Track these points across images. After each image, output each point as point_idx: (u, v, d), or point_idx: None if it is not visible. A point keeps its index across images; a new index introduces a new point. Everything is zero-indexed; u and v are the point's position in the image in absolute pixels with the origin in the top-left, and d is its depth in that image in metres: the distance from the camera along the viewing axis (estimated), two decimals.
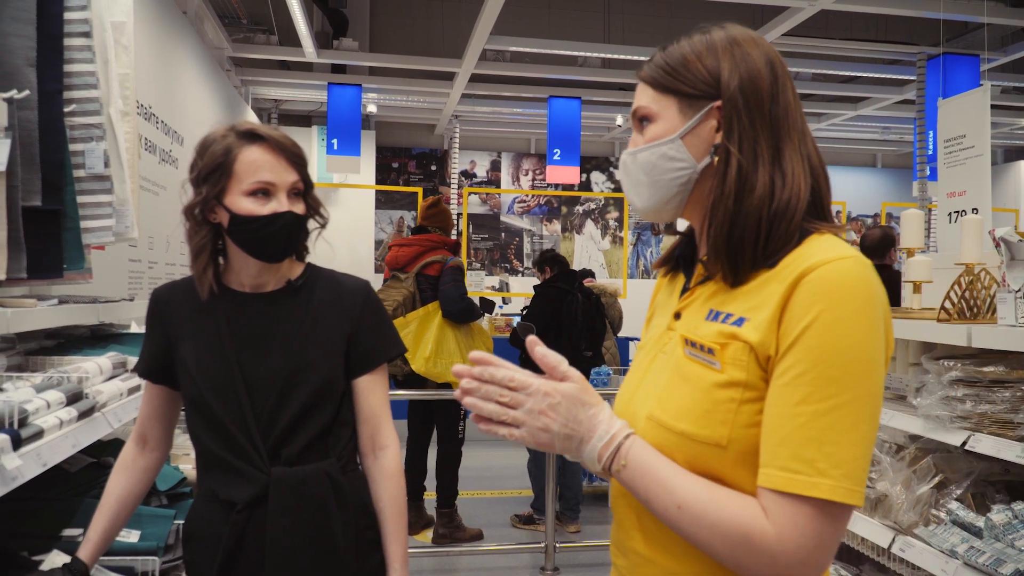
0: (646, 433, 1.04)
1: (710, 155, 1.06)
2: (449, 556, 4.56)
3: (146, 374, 1.63)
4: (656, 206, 1.11)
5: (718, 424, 0.98)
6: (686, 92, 1.07)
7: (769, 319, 0.97)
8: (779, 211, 1.01)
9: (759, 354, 0.97)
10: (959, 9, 6.16)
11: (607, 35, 8.66)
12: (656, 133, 1.08)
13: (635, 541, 1.08)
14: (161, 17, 4.70)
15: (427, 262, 4.64)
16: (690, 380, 1.02)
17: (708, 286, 1.08)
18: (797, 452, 0.91)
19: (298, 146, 1.58)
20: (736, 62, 1.05)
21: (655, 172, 1.09)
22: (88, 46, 2.37)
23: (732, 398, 0.98)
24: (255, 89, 8.68)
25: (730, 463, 0.98)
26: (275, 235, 1.50)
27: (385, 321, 1.68)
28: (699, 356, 1.02)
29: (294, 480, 1.50)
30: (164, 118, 4.71)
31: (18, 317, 1.87)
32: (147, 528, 1.88)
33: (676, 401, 1.03)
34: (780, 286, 0.97)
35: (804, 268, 0.96)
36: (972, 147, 3.33)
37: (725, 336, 1.00)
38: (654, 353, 1.14)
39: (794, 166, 1.04)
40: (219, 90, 6.45)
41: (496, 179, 10.69)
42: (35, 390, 1.69)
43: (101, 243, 2.48)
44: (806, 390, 0.92)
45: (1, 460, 1.34)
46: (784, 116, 1.05)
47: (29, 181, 2.07)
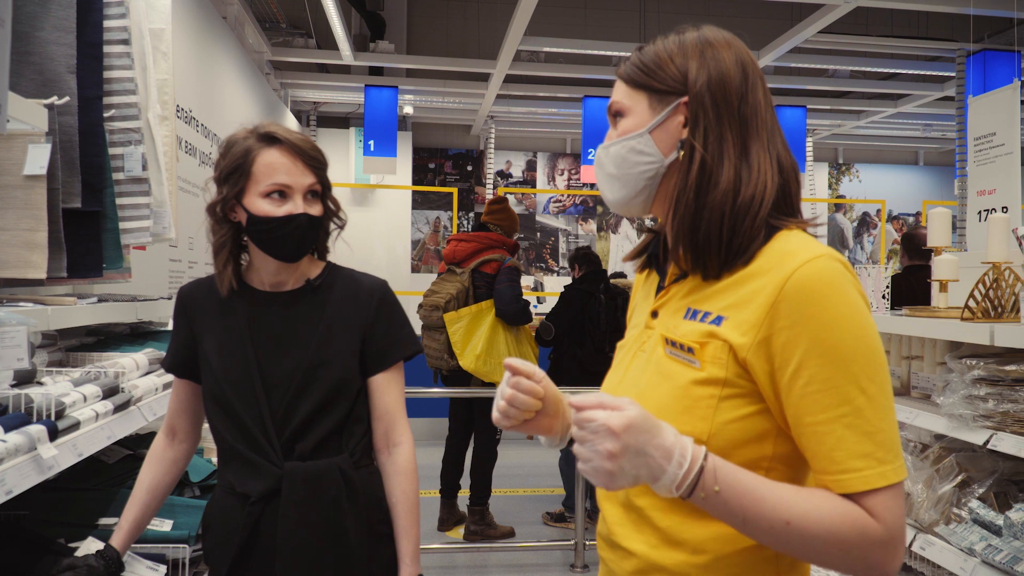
0: None
1: (676, 150, 1.09)
2: (481, 552, 4.61)
3: (172, 368, 1.69)
4: (624, 199, 1.14)
5: (698, 420, 1.01)
6: (656, 88, 1.10)
7: (752, 322, 0.99)
8: (743, 206, 1.03)
9: (738, 354, 1.00)
10: (991, 5, 6.05)
11: (642, 35, 8.64)
12: (627, 127, 1.12)
13: (620, 537, 1.10)
14: (201, 22, 4.82)
15: (485, 259, 4.63)
16: (670, 378, 1.05)
17: (683, 284, 1.11)
18: (855, 450, 0.95)
19: (317, 148, 1.62)
20: (706, 60, 1.08)
21: (624, 165, 1.12)
22: (127, 53, 2.45)
23: (711, 395, 1.01)
24: (294, 92, 8.82)
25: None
26: (289, 236, 1.55)
27: (401, 320, 1.71)
28: (679, 355, 1.05)
29: (307, 474, 1.53)
30: (204, 121, 4.82)
31: (59, 314, 1.95)
32: (179, 518, 1.95)
33: (656, 399, 1.05)
34: (761, 288, 1.00)
35: (786, 272, 0.98)
36: (1002, 145, 3.28)
37: (704, 335, 1.03)
38: (633, 351, 1.16)
39: (761, 162, 1.06)
40: (258, 93, 6.58)
41: (532, 179, 10.72)
42: (73, 384, 1.77)
43: (139, 243, 2.57)
44: (839, 392, 0.95)
45: (38, 450, 1.42)
46: (753, 115, 1.07)
47: (69, 184, 2.16)
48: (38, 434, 1.43)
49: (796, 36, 6.57)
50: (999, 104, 3.35)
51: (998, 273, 2.33)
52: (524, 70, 7.89)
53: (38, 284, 2.22)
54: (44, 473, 1.42)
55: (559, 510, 5.16)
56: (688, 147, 1.07)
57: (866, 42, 7.24)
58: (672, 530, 1.04)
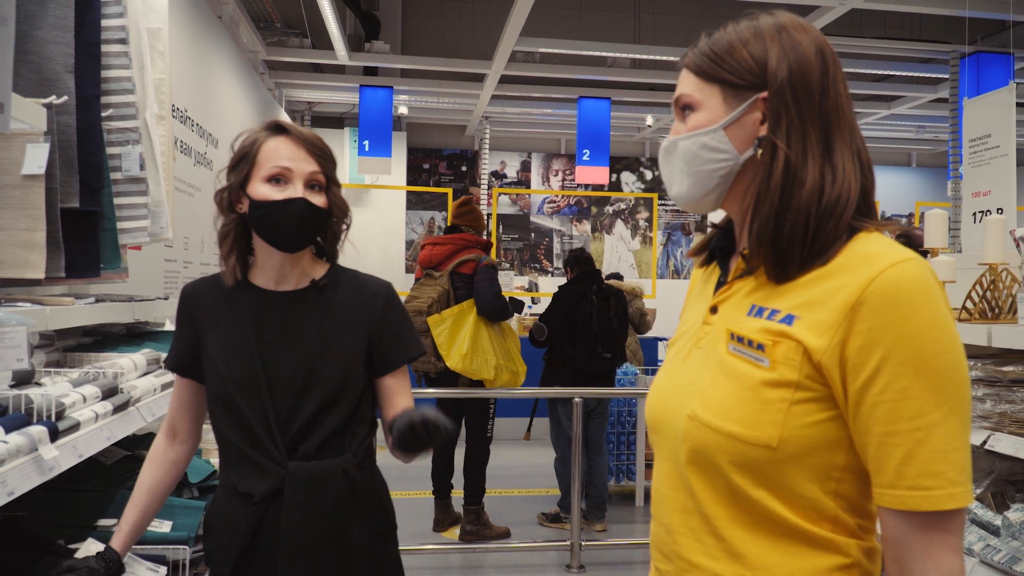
0: (688, 433, 1.01)
1: (753, 147, 1.03)
2: (476, 553, 4.60)
3: (174, 367, 1.68)
4: (694, 197, 1.08)
5: (767, 425, 0.95)
6: (731, 81, 1.03)
7: (830, 324, 0.94)
8: (828, 208, 0.98)
9: (812, 356, 0.94)
10: (986, 7, 6.08)
11: (637, 35, 8.66)
12: (698, 122, 1.05)
13: (682, 547, 1.05)
14: (197, 22, 4.80)
15: (461, 260, 4.69)
16: (735, 377, 0.99)
17: (748, 280, 1.05)
18: (926, 468, 0.90)
19: (323, 142, 1.62)
20: (785, 51, 1.02)
21: (695, 162, 1.06)
22: (125, 52, 2.44)
23: (783, 398, 0.95)
24: (288, 92, 8.80)
25: (779, 464, 0.96)
26: (287, 220, 1.54)
27: (406, 322, 1.71)
28: (745, 352, 0.99)
29: (310, 474, 1.53)
30: (199, 121, 4.81)
31: (57, 314, 1.94)
32: (178, 519, 1.95)
33: (721, 400, 0.99)
34: (840, 290, 0.94)
35: (870, 274, 0.93)
36: (997, 147, 3.30)
37: (774, 334, 0.97)
38: (689, 348, 1.10)
39: (844, 161, 1.00)
40: (253, 93, 6.56)
41: (526, 180, 10.73)
42: (72, 385, 1.76)
43: (136, 243, 2.56)
44: (915, 404, 0.90)
45: (39, 451, 1.41)
46: (835, 110, 1.02)
47: (67, 183, 2.15)
48: (39, 435, 1.42)
49: None
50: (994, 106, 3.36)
51: (995, 274, 2.34)
52: (519, 71, 7.89)
53: (35, 284, 2.21)
54: (45, 474, 1.41)
55: (554, 510, 5.16)
56: (769, 145, 1.01)
57: (860, 44, 7.27)
58: (738, 542, 0.99)
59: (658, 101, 9.01)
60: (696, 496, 1.02)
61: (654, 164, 10.86)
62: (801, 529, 0.97)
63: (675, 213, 10.96)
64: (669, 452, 1.07)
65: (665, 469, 1.09)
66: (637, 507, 5.61)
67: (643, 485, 5.66)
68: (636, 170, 10.89)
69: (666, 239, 10.96)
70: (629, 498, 5.73)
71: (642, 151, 10.90)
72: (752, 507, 0.98)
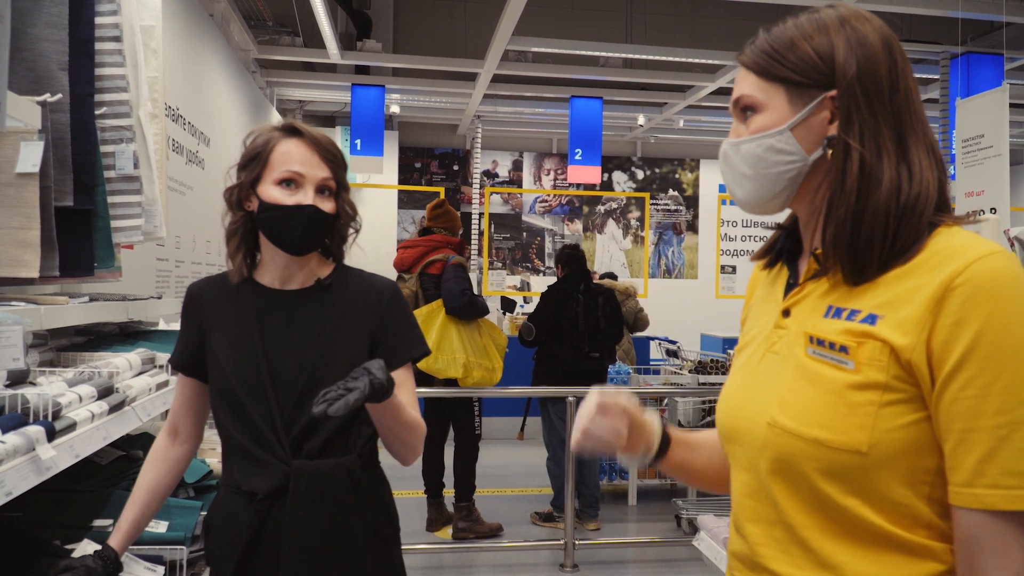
0: (768, 441, 0.99)
1: (822, 147, 1.00)
2: (469, 552, 4.60)
3: (178, 366, 1.68)
4: (761, 200, 1.05)
5: (856, 429, 0.92)
6: (795, 80, 1.00)
7: (916, 321, 0.91)
8: (908, 207, 0.95)
9: (900, 356, 0.91)
10: (979, 8, 6.11)
11: (629, 35, 8.66)
12: (762, 124, 1.02)
13: (767, 559, 1.01)
14: (188, 20, 4.78)
15: (429, 261, 4.72)
16: (817, 382, 0.95)
17: (821, 282, 1.02)
18: (1008, 466, 0.87)
19: (336, 146, 1.62)
20: (851, 45, 0.98)
21: (761, 165, 1.02)
22: (119, 50, 2.43)
23: (871, 401, 0.92)
24: (280, 90, 8.77)
25: (869, 469, 0.92)
26: (295, 226, 1.54)
27: (410, 321, 1.72)
28: (826, 355, 0.96)
29: (314, 473, 1.53)
30: (191, 119, 4.79)
31: (51, 314, 1.93)
32: (175, 519, 1.94)
33: (803, 405, 0.96)
34: (925, 285, 0.91)
35: (954, 269, 0.90)
36: (991, 147, 3.31)
37: (858, 334, 0.94)
38: (762, 353, 1.06)
39: (920, 158, 0.97)
40: (245, 91, 6.54)
41: (518, 179, 10.72)
42: (68, 384, 1.75)
43: (130, 242, 2.54)
44: (999, 400, 0.87)
45: (36, 451, 1.40)
46: (906, 104, 0.98)
47: (61, 182, 2.13)
48: (36, 435, 1.41)
49: None
50: (987, 106, 3.38)
51: None
52: (511, 70, 7.89)
53: (27, 283, 2.19)
54: (42, 474, 1.40)
55: (547, 510, 5.16)
56: (841, 145, 0.97)
57: None
58: (829, 553, 0.95)
59: (650, 101, 9.02)
60: (780, 506, 0.99)
61: (645, 164, 10.88)
62: (896, 537, 0.93)
63: (666, 212, 10.98)
64: (747, 462, 1.04)
65: (743, 479, 1.06)
66: (630, 506, 5.62)
67: (635, 484, 5.67)
68: (628, 170, 10.90)
69: (657, 239, 10.98)
70: (622, 497, 5.74)
71: (633, 151, 10.91)
72: (842, 516, 0.95)
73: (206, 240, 5.11)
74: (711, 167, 10.97)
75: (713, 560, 2.88)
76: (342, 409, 1.28)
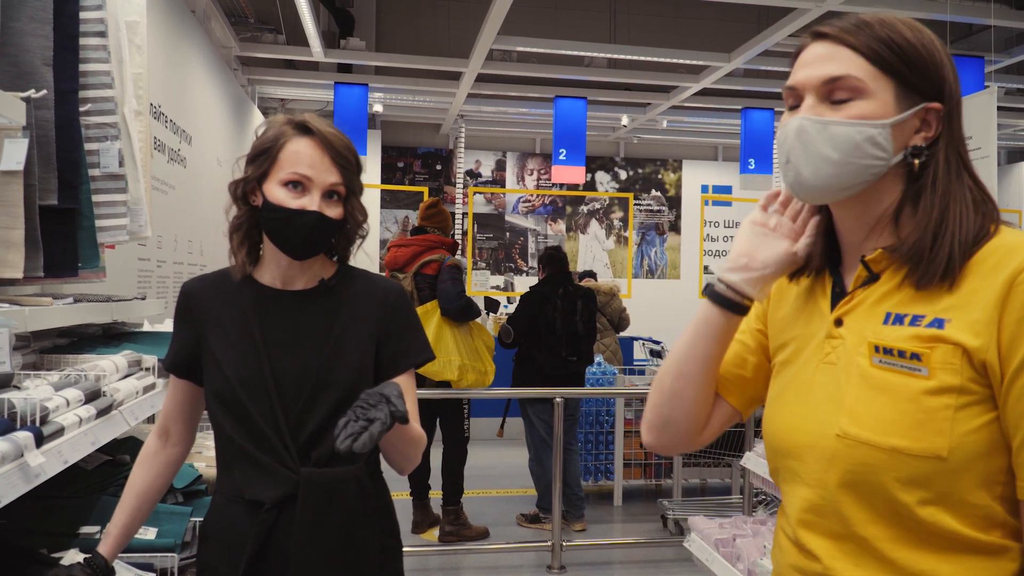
0: (839, 454, 0.98)
1: (904, 154, 1.01)
2: (456, 554, 4.58)
3: (171, 367, 1.62)
4: (833, 188, 1.02)
5: (935, 435, 0.92)
6: (911, 81, 1.01)
7: (986, 321, 0.92)
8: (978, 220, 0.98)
9: (974, 358, 0.92)
10: (966, 11, 6.16)
11: (613, 35, 8.66)
12: (864, 111, 1.00)
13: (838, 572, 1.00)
14: (170, 16, 4.71)
15: (425, 261, 4.68)
16: (888, 391, 0.95)
17: (873, 288, 1.02)
18: None
19: (351, 149, 1.55)
20: (953, 68, 1.03)
21: (853, 153, 0.99)
22: (103, 45, 2.38)
23: (947, 405, 0.92)
24: (261, 88, 8.69)
25: (951, 475, 0.93)
26: (297, 231, 1.49)
27: (416, 325, 1.66)
28: (896, 364, 0.95)
29: (325, 482, 1.47)
30: (173, 117, 4.72)
31: (35, 315, 1.88)
32: (164, 525, 1.89)
33: (876, 415, 0.96)
34: (989, 285, 0.93)
35: (1016, 265, 0.92)
36: (979, 149, 3.33)
37: (927, 340, 0.94)
38: (815, 364, 1.05)
39: (977, 176, 1.03)
40: (227, 89, 6.47)
41: (501, 179, 10.70)
42: (53, 388, 1.70)
43: (115, 242, 2.50)
44: None
45: (25, 458, 1.36)
46: (961, 128, 1.04)
47: (45, 180, 2.09)
48: (25, 441, 1.37)
49: (766, 40, 6.62)
50: (976, 108, 3.40)
51: None
52: (495, 69, 7.86)
53: (8, 284, 2.14)
54: (31, 482, 1.36)
55: (533, 511, 5.14)
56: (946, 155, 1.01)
57: None
58: (907, 562, 0.95)
59: (634, 101, 9.03)
60: (848, 520, 0.98)
61: (629, 164, 10.88)
62: (973, 540, 0.94)
63: (649, 213, 10.99)
64: (811, 477, 1.02)
65: (803, 495, 1.04)
66: (615, 506, 5.62)
67: (621, 484, 5.66)
68: (611, 170, 10.90)
69: (640, 239, 10.99)
70: (607, 497, 5.74)
71: (617, 151, 10.91)
72: (917, 524, 0.94)
73: (188, 240, 5.04)
74: (693, 167, 11.00)
75: (705, 561, 2.88)
76: (368, 444, 1.24)
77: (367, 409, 1.28)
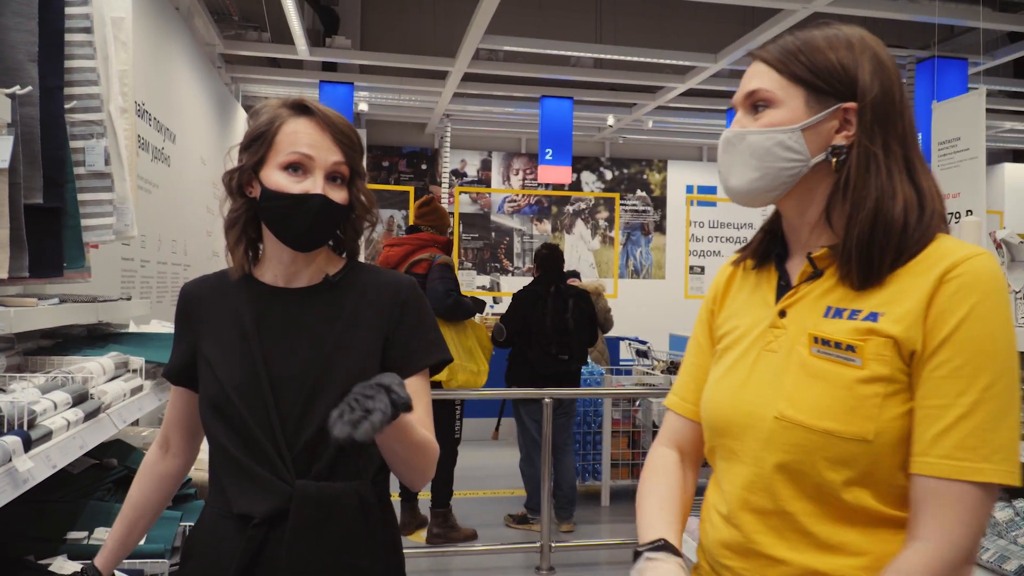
0: (776, 435, 1.05)
1: (826, 153, 1.08)
2: (444, 556, 4.55)
3: (170, 376, 1.52)
4: (756, 191, 1.11)
5: (863, 420, 1.00)
6: (817, 86, 1.07)
7: (914, 313, 1.00)
8: (923, 220, 1.04)
9: (903, 348, 1.00)
10: (955, 13, 6.19)
11: (599, 35, 8.66)
12: (775, 119, 1.08)
13: (763, 545, 1.07)
14: (153, 13, 4.66)
15: (415, 260, 4.63)
16: (825, 378, 1.03)
17: (817, 283, 1.09)
18: (961, 441, 0.96)
19: (351, 127, 1.43)
20: (875, 68, 1.07)
21: (768, 158, 1.08)
22: (89, 42, 2.34)
23: (876, 393, 1.00)
24: (245, 86, 8.62)
25: (875, 456, 1.00)
26: (301, 218, 1.36)
27: (428, 323, 1.51)
28: (832, 354, 1.03)
29: (321, 496, 1.33)
30: (157, 115, 4.67)
31: (20, 316, 1.85)
32: (153, 531, 1.85)
33: (812, 400, 1.03)
34: (921, 282, 1.00)
35: (947, 264, 1.00)
36: (967, 149, 3.35)
37: (862, 332, 1.01)
38: (757, 351, 1.12)
39: (926, 176, 1.07)
40: (210, 87, 6.41)
41: (486, 178, 10.67)
42: (40, 391, 1.67)
43: (101, 241, 2.46)
44: (965, 382, 0.97)
45: (13, 463, 1.32)
46: (911, 133, 1.08)
47: (31, 178, 2.04)
48: (13, 446, 1.33)
49: (752, 40, 6.64)
50: (964, 109, 3.42)
51: None
52: (481, 69, 7.84)
53: None
54: (19, 487, 1.33)
55: (521, 512, 5.12)
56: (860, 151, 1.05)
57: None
58: (826, 536, 1.03)
59: (619, 101, 9.03)
60: (778, 496, 1.06)
61: (614, 164, 10.89)
62: (887, 515, 1.02)
63: (634, 213, 11.01)
64: (748, 455, 1.09)
65: (739, 471, 1.11)
66: (603, 507, 5.61)
67: (608, 485, 5.65)
68: (596, 170, 10.91)
69: (625, 239, 11.00)
70: (595, 498, 5.73)
71: (602, 151, 10.92)
72: (839, 501, 1.02)
73: (172, 240, 4.99)
74: (679, 168, 11.02)
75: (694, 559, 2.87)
76: (369, 434, 1.09)
77: (362, 399, 1.13)
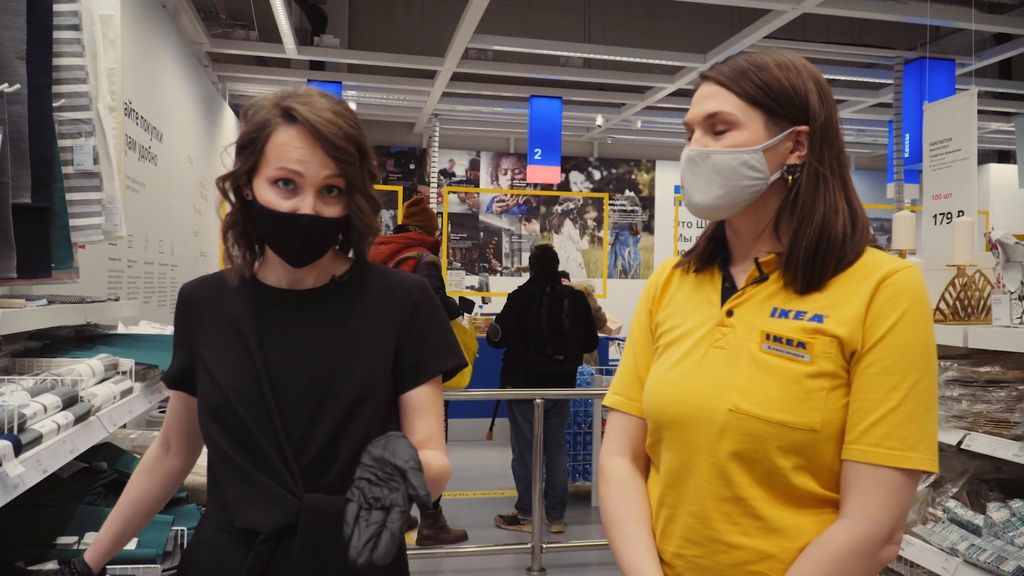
0: (730, 426, 1.13)
1: (781, 172, 1.18)
2: (435, 557, 4.53)
3: (169, 380, 1.47)
4: (721, 207, 1.20)
5: (812, 411, 1.10)
6: (776, 111, 1.17)
7: (856, 318, 1.11)
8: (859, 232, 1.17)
9: (846, 348, 1.11)
10: (945, 14, 6.22)
11: (587, 35, 8.66)
12: (739, 140, 1.17)
13: (718, 532, 1.15)
14: (140, 10, 4.62)
15: (402, 259, 4.61)
16: (776, 373, 1.12)
17: (763, 287, 1.19)
18: (891, 431, 1.08)
19: (347, 136, 1.30)
20: (821, 94, 1.19)
21: (733, 177, 1.17)
22: (77, 39, 2.31)
23: (823, 387, 1.11)
24: (232, 85, 8.57)
25: (820, 444, 1.11)
26: (291, 238, 1.29)
27: (442, 327, 1.44)
28: (783, 350, 1.13)
29: (331, 510, 1.24)
30: (143, 113, 4.63)
31: (9, 317, 1.82)
32: (144, 535, 1.81)
33: (765, 393, 1.12)
34: (861, 290, 1.13)
35: (883, 274, 1.13)
36: (958, 150, 3.36)
37: (811, 331, 1.12)
38: (705, 348, 1.20)
39: (853, 193, 1.20)
40: (197, 86, 6.36)
41: (475, 178, 10.65)
42: (29, 394, 1.64)
43: (89, 241, 2.42)
44: (896, 378, 1.09)
45: (4, 468, 1.29)
46: (842, 152, 1.21)
47: (18, 177, 2.01)
48: (3, 450, 1.31)
49: (741, 41, 6.66)
50: (955, 110, 3.43)
51: (968, 277, 2.36)
52: (471, 68, 7.82)
53: None
54: (10, 493, 1.30)
55: (512, 512, 5.11)
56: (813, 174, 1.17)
57: (809, 48, 7.38)
58: (775, 518, 1.12)
59: (608, 101, 9.03)
60: (734, 483, 1.14)
61: (603, 164, 10.89)
62: (827, 497, 1.13)
63: (622, 213, 11.01)
64: (701, 446, 1.16)
65: (693, 462, 1.17)
66: (593, 507, 5.60)
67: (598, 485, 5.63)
68: (584, 170, 10.91)
69: (614, 239, 11.01)
70: (585, 498, 5.72)
71: (591, 151, 10.92)
72: (787, 486, 1.12)
73: (159, 239, 4.94)
74: (667, 168, 11.04)
75: None
76: (391, 551, 1.00)
77: (378, 486, 1.04)
